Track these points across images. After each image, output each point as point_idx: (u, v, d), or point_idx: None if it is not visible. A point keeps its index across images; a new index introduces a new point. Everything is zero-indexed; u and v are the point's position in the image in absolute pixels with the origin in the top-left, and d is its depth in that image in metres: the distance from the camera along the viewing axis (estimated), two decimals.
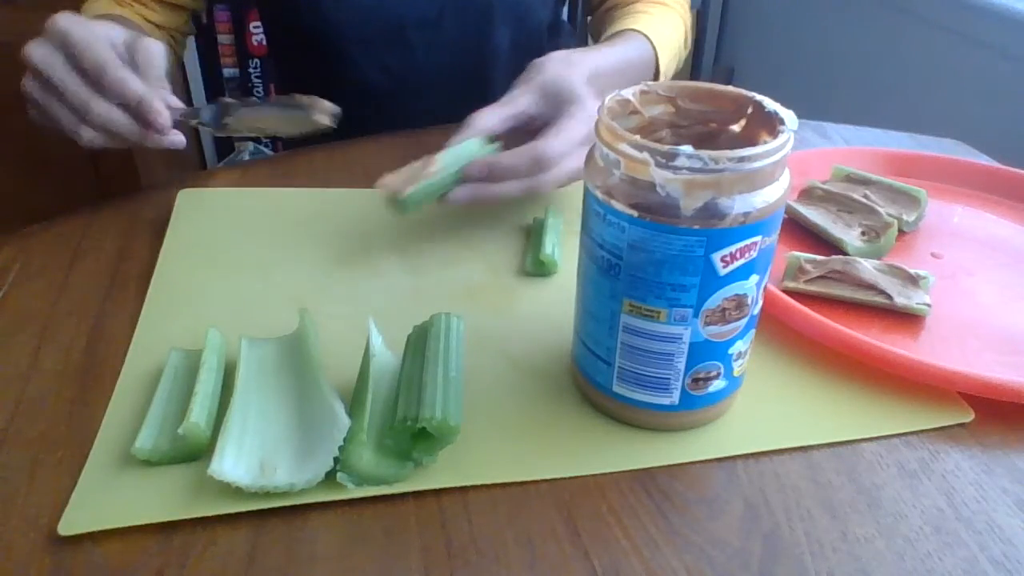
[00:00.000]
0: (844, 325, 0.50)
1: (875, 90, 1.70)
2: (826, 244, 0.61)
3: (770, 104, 0.42)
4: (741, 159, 0.37)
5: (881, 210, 0.62)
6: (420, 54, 0.88)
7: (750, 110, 0.44)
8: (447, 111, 0.85)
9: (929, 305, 0.53)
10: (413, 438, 0.41)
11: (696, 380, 0.43)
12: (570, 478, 0.42)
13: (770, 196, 0.39)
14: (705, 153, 0.37)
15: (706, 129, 0.46)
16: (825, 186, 0.66)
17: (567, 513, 0.40)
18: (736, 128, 0.45)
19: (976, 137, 0.84)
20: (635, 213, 0.38)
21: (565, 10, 1.03)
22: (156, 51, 0.59)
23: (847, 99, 1.78)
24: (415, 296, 0.56)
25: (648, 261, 0.39)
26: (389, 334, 0.48)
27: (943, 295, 0.55)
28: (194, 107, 0.59)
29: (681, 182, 0.37)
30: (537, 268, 0.58)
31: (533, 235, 0.62)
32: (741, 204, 0.38)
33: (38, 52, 0.57)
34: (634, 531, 0.39)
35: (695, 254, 0.38)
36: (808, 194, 0.66)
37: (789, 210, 0.64)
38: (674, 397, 0.43)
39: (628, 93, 0.44)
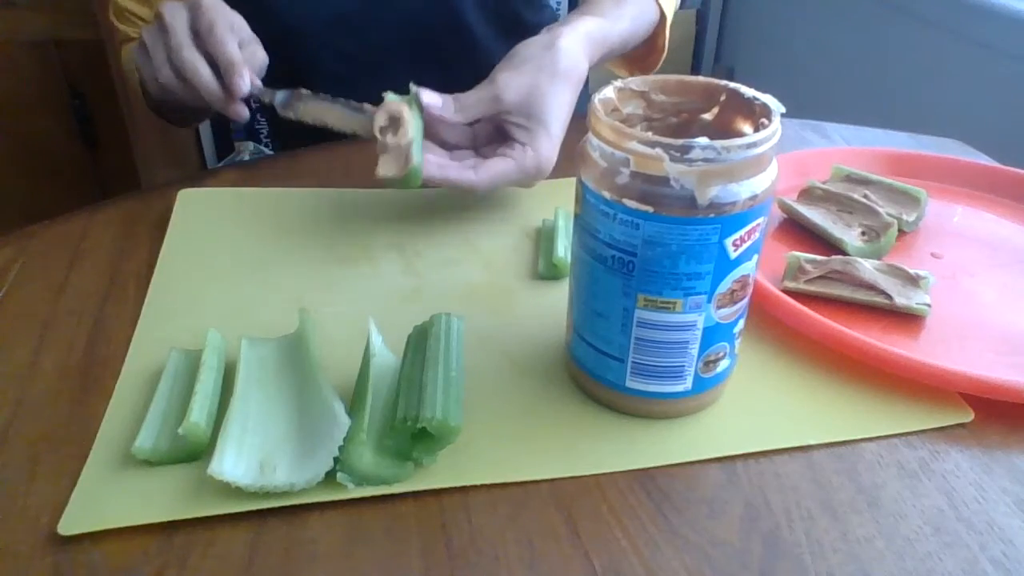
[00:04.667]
0: (844, 325, 0.50)
1: (875, 90, 1.70)
2: (826, 244, 0.61)
3: (748, 91, 0.44)
4: (750, 145, 0.38)
5: (881, 210, 0.62)
6: (372, 35, 0.87)
7: (723, 97, 0.45)
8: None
9: (929, 305, 0.53)
10: (413, 438, 0.41)
11: (707, 363, 0.44)
12: (570, 478, 0.42)
13: (769, 178, 0.40)
14: (718, 143, 0.37)
15: (678, 120, 0.47)
16: (825, 186, 0.66)
17: (567, 513, 0.40)
18: (708, 116, 0.46)
19: (976, 137, 0.84)
20: (650, 209, 0.39)
21: None
22: (260, 55, 0.65)
23: (847, 99, 1.78)
24: (415, 296, 0.56)
25: (664, 255, 0.40)
26: (389, 334, 0.48)
27: (943, 295, 0.55)
28: (270, 88, 0.63)
29: (696, 174, 0.38)
30: (550, 271, 0.58)
31: (543, 238, 0.62)
32: (748, 188, 0.39)
33: (168, 6, 0.62)
34: (634, 531, 0.39)
35: (710, 241, 0.39)
36: (808, 194, 0.66)
37: (789, 210, 0.64)
38: (687, 383, 0.44)
39: (610, 92, 0.45)
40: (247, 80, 0.61)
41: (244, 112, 0.63)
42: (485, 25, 0.91)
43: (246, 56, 0.62)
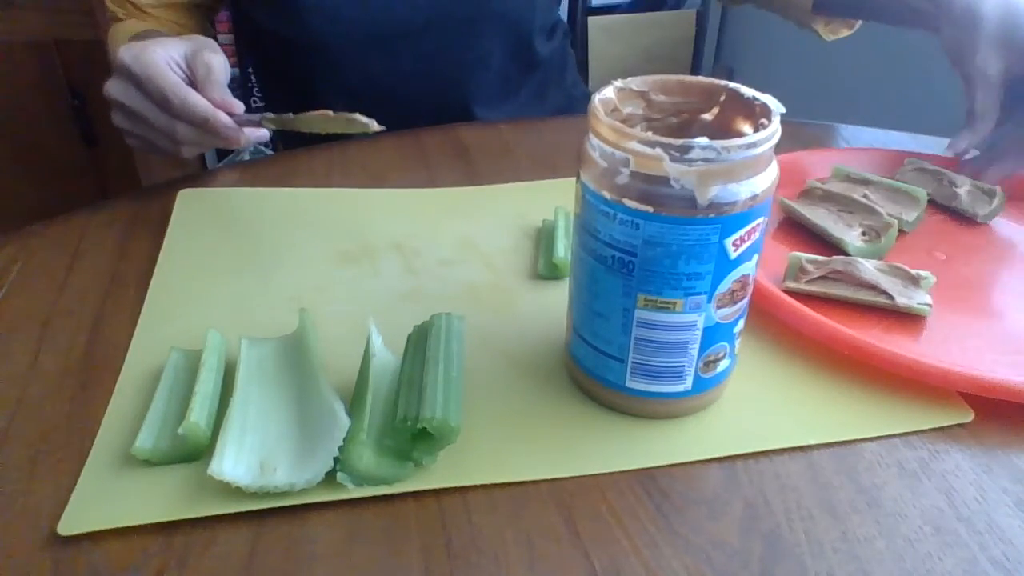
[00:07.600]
0: (845, 325, 0.50)
1: (875, 90, 1.70)
2: (826, 244, 0.61)
3: (748, 91, 0.44)
4: (750, 145, 0.38)
5: (881, 210, 0.62)
6: (404, 62, 0.87)
7: (723, 97, 0.45)
8: (432, 116, 0.85)
9: (930, 305, 0.53)
10: (413, 438, 0.41)
11: (707, 363, 0.44)
12: (570, 478, 0.42)
13: (769, 178, 0.40)
14: (718, 143, 0.37)
15: (678, 120, 0.47)
16: (825, 186, 0.66)
17: (567, 513, 0.40)
18: (708, 116, 0.46)
19: None
20: (651, 209, 0.39)
21: (564, 9, 1.03)
22: (215, 62, 0.63)
23: (847, 99, 1.78)
24: (415, 296, 0.56)
25: (664, 254, 0.40)
26: (389, 334, 0.48)
27: (943, 295, 0.55)
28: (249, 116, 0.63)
29: (696, 174, 0.38)
30: (550, 271, 0.58)
31: (543, 238, 0.62)
32: (748, 188, 0.39)
33: (114, 88, 0.63)
34: (634, 531, 0.39)
35: (710, 241, 0.39)
36: (808, 194, 0.66)
37: (789, 210, 0.64)
38: (687, 383, 0.44)
39: (610, 92, 0.45)
40: (232, 124, 0.62)
41: (262, 134, 0.64)
42: (508, 60, 0.92)
43: (212, 84, 0.62)
